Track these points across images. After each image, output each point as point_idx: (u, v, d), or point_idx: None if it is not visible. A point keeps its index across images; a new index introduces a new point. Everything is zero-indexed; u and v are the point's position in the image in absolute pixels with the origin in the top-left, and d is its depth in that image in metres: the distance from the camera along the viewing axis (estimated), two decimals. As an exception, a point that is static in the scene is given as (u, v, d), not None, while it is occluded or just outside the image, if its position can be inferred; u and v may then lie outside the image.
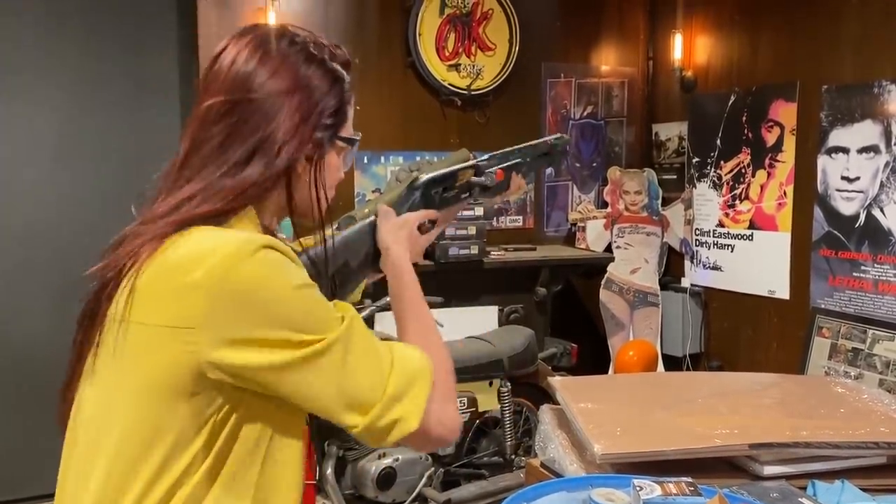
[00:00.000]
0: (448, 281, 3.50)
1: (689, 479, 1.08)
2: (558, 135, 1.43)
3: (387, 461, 2.77)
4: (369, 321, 2.85)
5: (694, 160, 4.24)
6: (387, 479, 2.75)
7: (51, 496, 0.99)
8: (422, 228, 1.26)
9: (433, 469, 2.86)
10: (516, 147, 1.34)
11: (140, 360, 0.93)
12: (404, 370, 0.96)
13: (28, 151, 3.33)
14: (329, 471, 2.70)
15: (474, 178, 1.25)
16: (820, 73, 3.59)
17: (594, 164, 4.49)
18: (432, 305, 3.02)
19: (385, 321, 2.94)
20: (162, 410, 0.91)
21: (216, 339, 0.88)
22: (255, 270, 0.89)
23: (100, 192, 3.45)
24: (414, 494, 2.80)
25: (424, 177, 1.26)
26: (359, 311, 2.70)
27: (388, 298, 2.73)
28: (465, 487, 2.92)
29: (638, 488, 1.06)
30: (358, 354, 0.93)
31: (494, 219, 3.98)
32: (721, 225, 4.11)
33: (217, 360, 0.89)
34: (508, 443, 3.02)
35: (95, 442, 0.96)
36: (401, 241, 1.19)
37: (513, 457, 3.04)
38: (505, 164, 1.28)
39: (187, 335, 0.89)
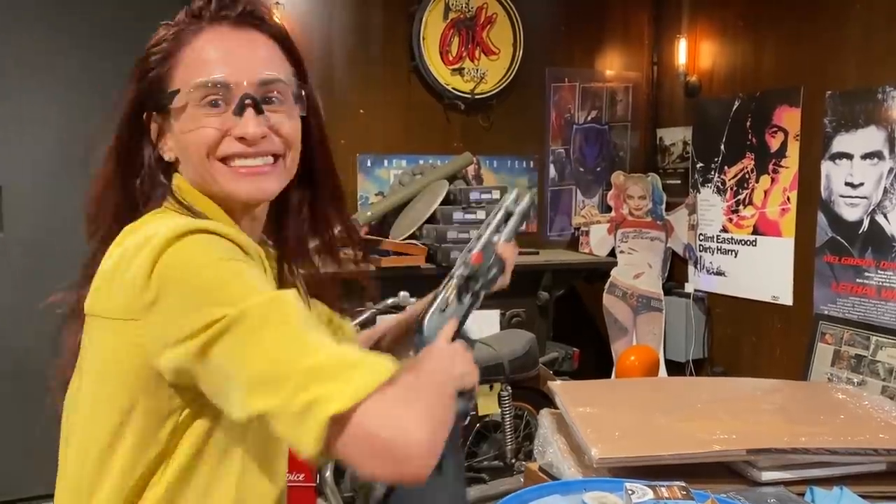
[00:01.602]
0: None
1: (682, 484, 1.08)
2: (515, 194, 1.32)
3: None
4: (369, 324, 2.84)
5: (698, 165, 4.24)
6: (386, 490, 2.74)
7: (51, 496, 0.98)
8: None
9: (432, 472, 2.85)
10: (480, 231, 1.23)
11: (97, 354, 0.89)
12: (341, 354, 0.77)
13: (30, 152, 3.34)
14: (328, 473, 2.69)
15: (457, 276, 1.11)
16: (824, 78, 3.58)
17: (598, 169, 4.49)
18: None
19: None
20: (122, 404, 0.85)
21: (157, 340, 0.81)
22: (181, 257, 0.80)
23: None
24: (414, 498, 2.79)
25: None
26: (359, 313, 2.70)
27: (390, 300, 2.74)
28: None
29: (630, 492, 1.05)
30: (277, 328, 0.76)
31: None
32: (725, 230, 4.10)
33: (160, 365, 0.82)
34: (509, 447, 3.01)
35: (65, 438, 0.93)
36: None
37: (513, 461, 3.03)
38: (478, 246, 1.17)
39: (135, 328, 0.82)
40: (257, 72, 0.89)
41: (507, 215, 1.25)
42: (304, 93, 0.95)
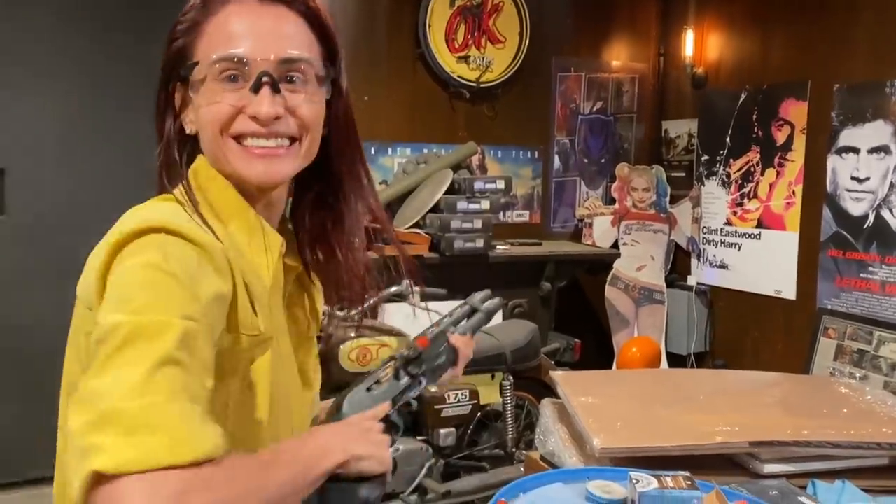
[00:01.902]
0: (452, 274, 3.49)
1: (687, 474, 1.07)
2: (483, 294, 1.29)
3: None
4: (374, 312, 2.84)
5: (703, 158, 4.22)
6: None
7: (49, 480, 0.96)
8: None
9: (434, 460, 2.86)
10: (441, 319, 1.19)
11: (72, 336, 0.88)
12: (161, 414, 0.67)
13: (35, 141, 3.33)
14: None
15: (399, 356, 1.05)
16: (832, 71, 3.56)
17: (602, 160, 4.47)
18: (435, 298, 3.00)
19: (388, 312, 2.94)
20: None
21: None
22: (128, 256, 0.77)
23: (108, 181, 3.45)
24: (414, 485, 2.79)
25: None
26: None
27: (393, 289, 2.73)
28: (466, 479, 2.92)
29: (634, 481, 1.05)
30: (134, 356, 0.69)
31: (501, 213, 3.96)
32: (729, 223, 4.09)
33: None
34: (509, 436, 3.01)
35: (61, 417, 0.91)
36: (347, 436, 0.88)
37: (514, 450, 3.04)
38: (431, 331, 1.11)
39: (91, 318, 0.80)
40: (279, 49, 0.85)
41: (472, 311, 1.24)
42: (330, 75, 0.91)
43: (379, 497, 0.92)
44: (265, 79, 0.84)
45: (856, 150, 3.47)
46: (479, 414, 3.03)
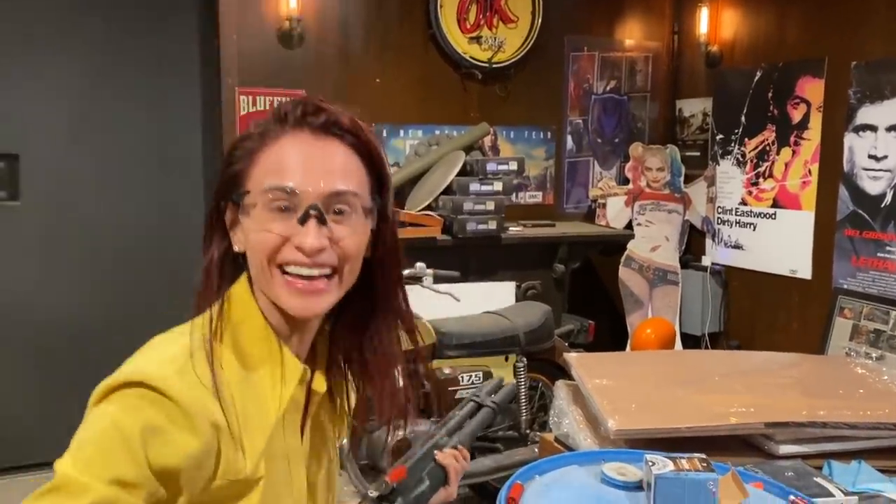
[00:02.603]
0: (466, 256, 3.49)
1: (703, 456, 1.07)
2: (495, 384, 1.22)
3: (401, 433, 2.78)
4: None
5: (718, 137, 4.18)
6: (401, 450, 2.77)
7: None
8: None
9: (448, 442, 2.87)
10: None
11: None
12: None
13: (48, 126, 3.34)
14: (344, 441, 2.72)
15: (370, 498, 0.97)
16: (849, 48, 3.51)
17: (616, 140, 4.44)
18: (449, 280, 3.00)
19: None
20: None
21: None
22: (106, 405, 0.84)
23: (119, 166, 3.47)
24: (428, 467, 2.81)
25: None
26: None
27: (406, 271, 2.73)
28: (480, 460, 2.93)
29: (650, 463, 1.05)
30: None
31: (514, 194, 3.95)
32: (744, 203, 4.06)
33: None
34: (523, 417, 3.02)
35: None
36: None
37: (527, 431, 3.05)
38: (414, 455, 1.04)
39: None
40: (328, 183, 0.89)
41: (477, 408, 1.16)
42: (377, 205, 0.94)
43: None
44: (313, 211, 0.87)
45: (873, 129, 3.42)
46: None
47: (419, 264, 2.78)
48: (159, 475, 0.81)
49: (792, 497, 1.11)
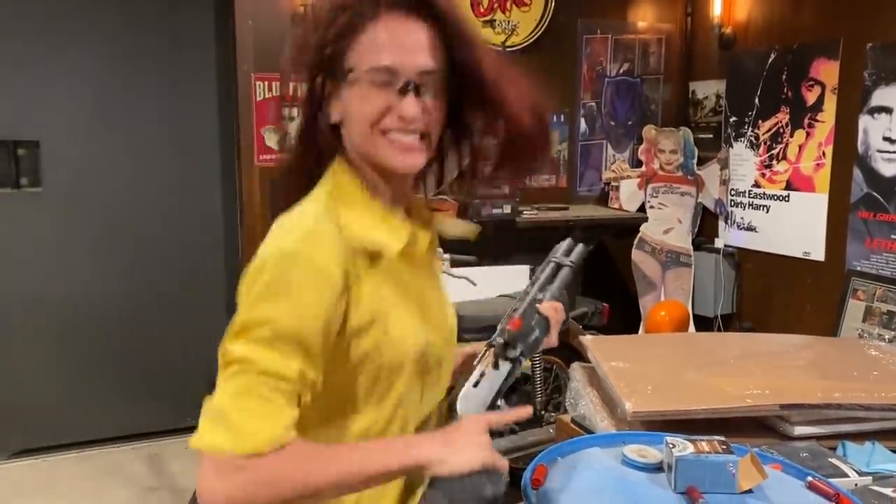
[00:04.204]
0: (481, 239, 3.51)
1: (722, 438, 1.10)
2: (566, 244, 1.30)
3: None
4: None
5: (731, 119, 4.18)
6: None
7: (93, 442, 1.03)
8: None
9: (464, 423, 2.91)
10: (527, 287, 1.21)
11: None
12: (241, 412, 0.91)
13: (67, 114, 3.38)
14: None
15: (496, 344, 1.11)
16: (865, 30, 3.49)
17: (629, 123, 4.44)
18: (465, 264, 3.02)
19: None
20: None
21: None
22: (263, 275, 0.95)
23: (137, 152, 3.51)
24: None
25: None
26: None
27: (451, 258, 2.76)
28: (496, 441, 2.95)
29: (671, 446, 1.08)
30: (245, 359, 0.93)
31: (528, 178, 3.97)
32: (757, 185, 4.06)
33: None
34: (538, 399, 3.06)
35: None
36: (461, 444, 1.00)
37: (542, 412, 3.09)
38: (518, 310, 1.14)
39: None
40: (421, 60, 1.01)
41: (557, 267, 1.25)
42: (451, 83, 1.05)
43: (500, 492, 1.00)
44: (410, 86, 1.01)
45: (888, 111, 3.42)
46: (508, 377, 3.08)
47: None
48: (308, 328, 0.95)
49: (810, 478, 1.14)
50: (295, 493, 0.92)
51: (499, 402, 1.10)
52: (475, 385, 1.08)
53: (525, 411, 1.09)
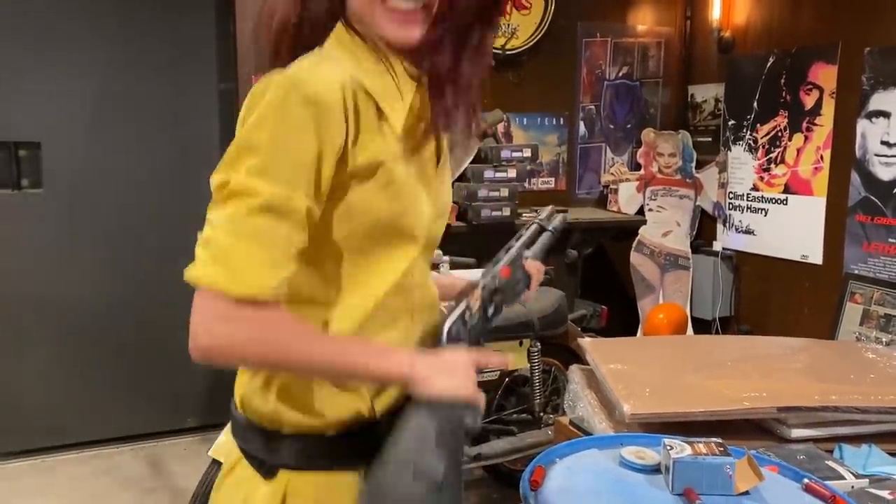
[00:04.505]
0: (480, 242, 3.52)
1: (719, 440, 1.11)
2: (548, 210, 1.34)
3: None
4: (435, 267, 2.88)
5: (730, 123, 4.19)
6: None
7: (92, 443, 1.04)
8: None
9: (464, 424, 2.92)
10: (511, 243, 1.25)
11: None
12: (241, 249, 0.89)
13: (68, 115, 3.39)
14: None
15: (484, 287, 1.12)
16: (863, 34, 3.51)
17: (628, 126, 4.46)
18: (465, 266, 3.03)
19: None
20: None
21: None
22: (259, 102, 0.94)
23: (138, 154, 3.51)
24: (444, 449, 2.86)
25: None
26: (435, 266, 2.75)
27: (462, 260, 2.75)
28: (495, 443, 2.98)
29: (668, 447, 1.09)
30: (240, 201, 0.90)
31: (526, 181, 3.98)
32: (755, 189, 4.08)
33: None
34: (537, 401, 3.07)
35: None
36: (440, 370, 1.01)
37: (541, 414, 3.09)
38: (507, 259, 1.19)
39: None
40: None
41: (540, 230, 1.30)
42: None
43: (473, 426, 1.00)
44: None
45: (886, 115, 3.43)
46: (507, 379, 3.08)
47: (436, 251, 2.82)
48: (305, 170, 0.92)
49: (806, 480, 1.15)
50: (277, 358, 0.92)
51: (480, 342, 1.11)
52: (464, 320, 1.08)
53: (503, 360, 1.09)
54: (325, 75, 0.94)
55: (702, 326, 4.21)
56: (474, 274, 1.18)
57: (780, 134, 3.93)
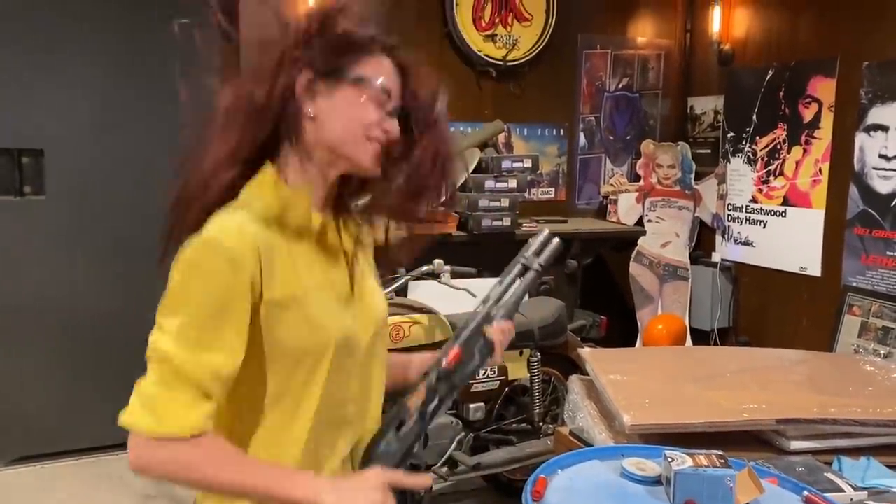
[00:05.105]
0: (480, 252, 3.54)
1: (720, 452, 1.12)
2: (541, 239, 1.29)
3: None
4: (403, 291, 2.91)
5: (729, 135, 4.22)
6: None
7: (92, 450, 1.14)
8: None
9: (463, 434, 2.93)
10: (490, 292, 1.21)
11: None
12: (164, 395, 1.03)
13: (71, 122, 3.40)
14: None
15: (429, 379, 1.11)
16: (862, 48, 3.54)
17: (628, 137, 4.48)
18: (465, 276, 3.03)
19: (419, 290, 3.00)
20: None
21: None
22: (182, 261, 1.09)
23: (140, 160, 3.52)
24: (444, 458, 2.87)
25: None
26: (394, 279, 2.76)
27: (424, 268, 2.79)
28: (494, 452, 2.99)
29: (669, 459, 1.10)
30: (168, 343, 1.06)
31: (527, 191, 4.00)
32: (754, 200, 4.09)
33: None
34: (536, 411, 3.08)
35: None
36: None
37: (540, 424, 3.10)
38: (462, 338, 1.14)
39: None
40: (399, 95, 1.18)
41: (524, 270, 1.24)
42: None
43: None
44: (397, 111, 1.17)
45: (884, 129, 3.46)
46: (506, 389, 3.09)
47: (437, 261, 2.84)
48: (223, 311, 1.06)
49: (806, 493, 1.16)
50: (203, 481, 1.06)
51: (415, 448, 1.10)
52: (397, 430, 1.09)
53: (422, 482, 1.11)
54: (234, 230, 1.07)
55: (700, 337, 4.22)
56: (472, 283, 1.18)
57: (778, 146, 3.96)
